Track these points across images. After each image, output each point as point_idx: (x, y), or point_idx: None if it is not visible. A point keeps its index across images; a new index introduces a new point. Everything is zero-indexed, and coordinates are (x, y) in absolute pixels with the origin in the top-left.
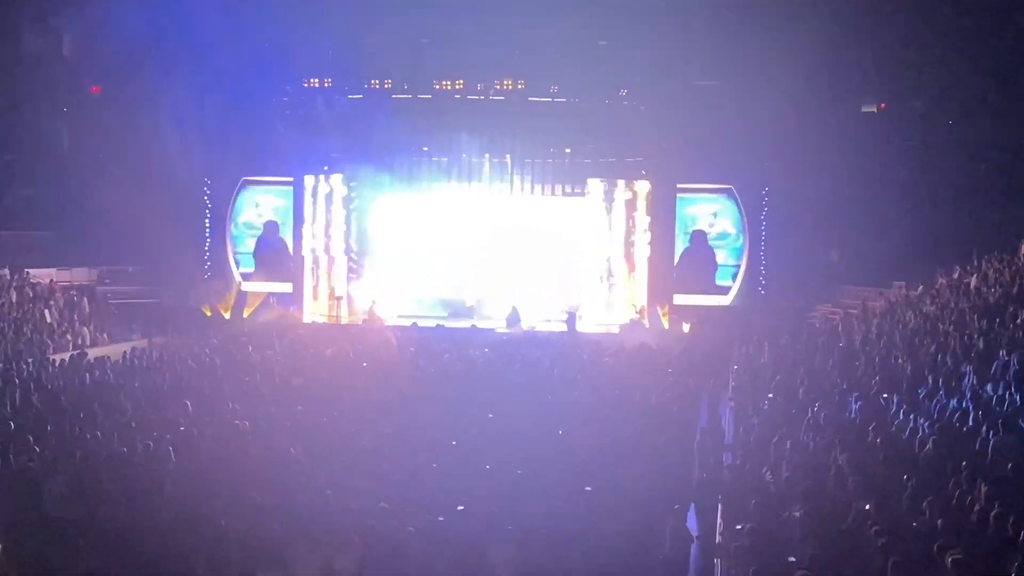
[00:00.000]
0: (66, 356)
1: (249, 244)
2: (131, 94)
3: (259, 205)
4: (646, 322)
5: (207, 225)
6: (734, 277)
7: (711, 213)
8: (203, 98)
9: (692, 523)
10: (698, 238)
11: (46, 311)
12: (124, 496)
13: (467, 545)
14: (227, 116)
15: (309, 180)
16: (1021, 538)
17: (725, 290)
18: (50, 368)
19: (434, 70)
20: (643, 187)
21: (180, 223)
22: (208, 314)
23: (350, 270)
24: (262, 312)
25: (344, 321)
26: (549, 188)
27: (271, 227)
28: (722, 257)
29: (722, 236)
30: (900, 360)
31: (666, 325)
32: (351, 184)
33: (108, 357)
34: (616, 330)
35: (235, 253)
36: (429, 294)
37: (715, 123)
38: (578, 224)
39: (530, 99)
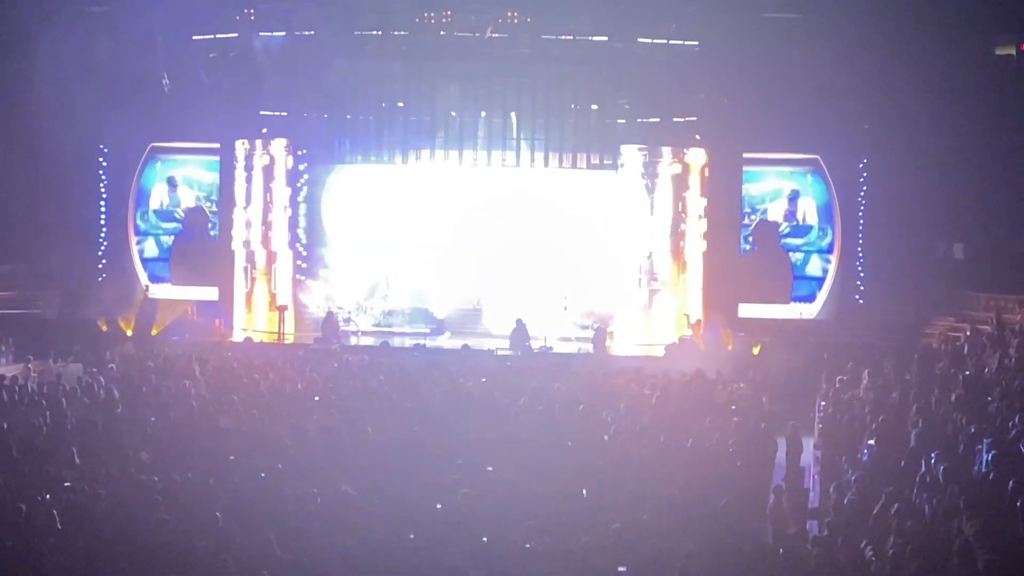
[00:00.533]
0: None
1: (164, 240)
2: None
3: (175, 183)
4: (701, 342)
5: (102, 209)
6: (819, 285)
7: (786, 195)
8: (95, 33)
9: None
10: (763, 234)
11: None
12: None
13: None
14: (129, 59)
15: (241, 147)
16: None
17: (809, 298)
18: None
19: None
20: (697, 157)
21: (65, 207)
22: (104, 330)
23: (298, 270)
24: (177, 328)
25: (290, 340)
26: (568, 158)
27: (196, 218)
28: (801, 258)
29: (799, 231)
30: None
31: (729, 346)
32: (299, 153)
33: None
34: (660, 352)
35: (141, 248)
36: (405, 303)
37: (795, 70)
38: (608, 208)
39: (543, 37)
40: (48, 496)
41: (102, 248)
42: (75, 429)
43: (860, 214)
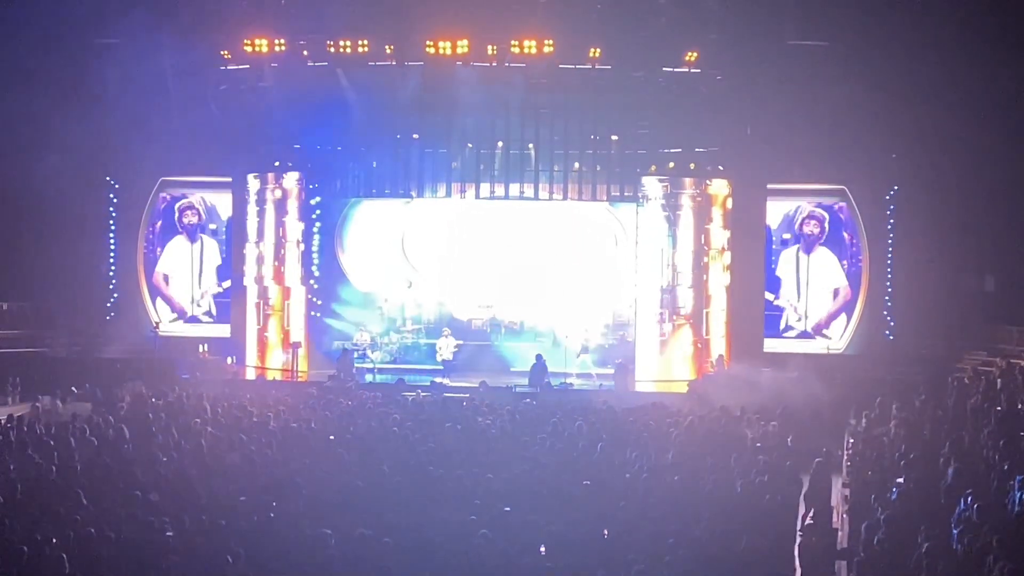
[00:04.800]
0: None
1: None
2: None
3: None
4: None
5: (111, 243)
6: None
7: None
8: (104, 65)
9: None
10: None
11: None
12: None
13: None
14: (138, 90)
15: (253, 181)
16: None
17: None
18: None
19: (427, 26)
20: (720, 188)
21: (73, 243)
22: None
23: (311, 306)
24: (189, 367)
25: (303, 377)
26: (588, 190)
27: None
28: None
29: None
30: None
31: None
32: (312, 186)
33: None
34: (683, 388)
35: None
36: (422, 339)
37: (820, 99)
38: (629, 241)
39: (561, 66)
40: (55, 538)
41: (111, 285)
42: (84, 470)
43: (889, 245)
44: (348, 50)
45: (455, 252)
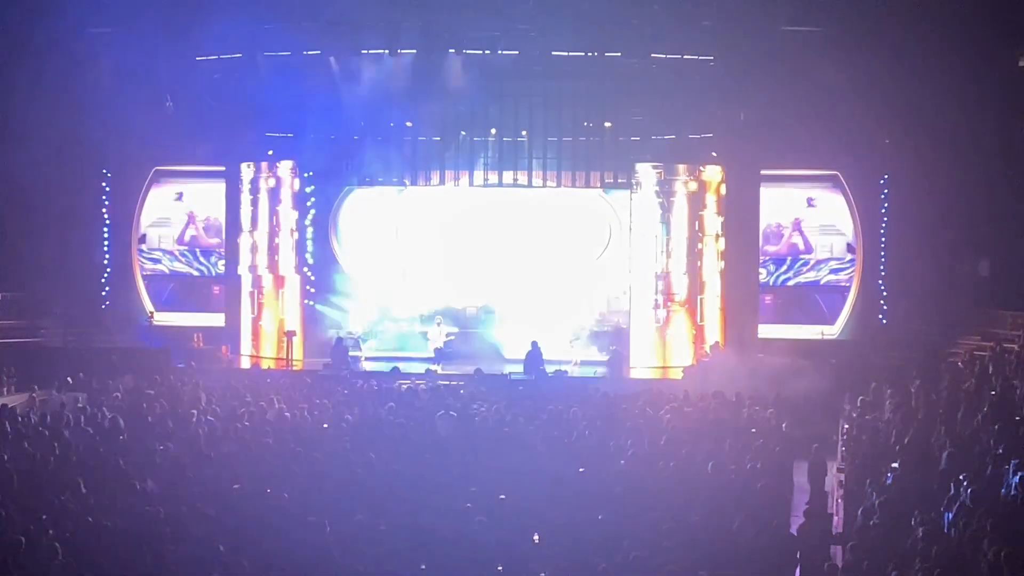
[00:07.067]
0: None
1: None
2: None
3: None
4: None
5: (105, 234)
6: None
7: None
8: (97, 52)
9: None
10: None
11: None
12: None
13: None
14: (130, 79)
15: (247, 170)
16: None
17: (831, 317)
18: None
19: (419, 13)
20: (713, 175)
21: (67, 232)
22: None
23: (306, 295)
24: (184, 355)
25: (298, 366)
26: (581, 177)
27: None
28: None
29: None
30: None
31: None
32: (306, 175)
33: None
34: (678, 374)
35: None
36: (415, 327)
37: (813, 84)
38: (623, 228)
39: (553, 53)
40: (50, 529)
41: (106, 274)
42: (80, 459)
43: (882, 230)
44: (341, 38)
45: (449, 240)
